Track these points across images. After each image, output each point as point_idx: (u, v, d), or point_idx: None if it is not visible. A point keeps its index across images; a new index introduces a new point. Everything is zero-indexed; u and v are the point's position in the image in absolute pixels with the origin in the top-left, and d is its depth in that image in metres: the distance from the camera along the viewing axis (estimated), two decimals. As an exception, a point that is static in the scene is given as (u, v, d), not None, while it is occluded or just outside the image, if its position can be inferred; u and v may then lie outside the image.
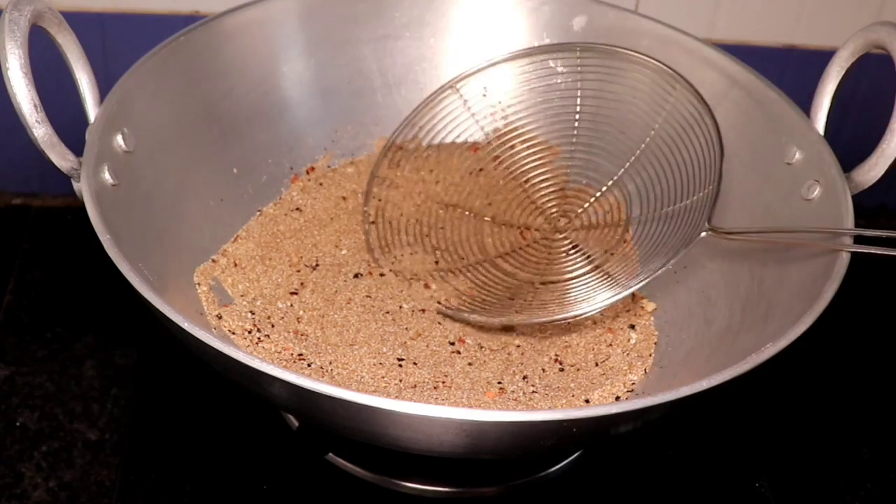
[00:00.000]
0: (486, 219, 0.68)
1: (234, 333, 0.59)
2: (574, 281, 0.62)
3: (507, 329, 0.63)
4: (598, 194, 0.66)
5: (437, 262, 0.67)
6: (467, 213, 0.69)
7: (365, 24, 0.71)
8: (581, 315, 0.59)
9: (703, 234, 0.57)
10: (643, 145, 0.65)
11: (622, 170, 0.66)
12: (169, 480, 0.61)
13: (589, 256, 0.64)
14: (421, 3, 0.72)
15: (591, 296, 0.61)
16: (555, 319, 0.60)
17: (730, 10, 0.79)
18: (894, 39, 0.58)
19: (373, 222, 0.68)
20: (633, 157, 0.65)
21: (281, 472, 0.61)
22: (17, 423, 0.65)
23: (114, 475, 0.62)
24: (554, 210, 0.67)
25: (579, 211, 0.66)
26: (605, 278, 0.62)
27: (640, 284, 0.58)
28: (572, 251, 0.64)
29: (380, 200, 0.69)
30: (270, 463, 0.62)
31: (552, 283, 0.63)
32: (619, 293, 0.58)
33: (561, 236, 0.65)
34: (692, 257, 0.63)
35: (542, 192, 0.68)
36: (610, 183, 0.66)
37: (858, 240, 0.54)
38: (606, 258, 0.63)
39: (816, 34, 0.80)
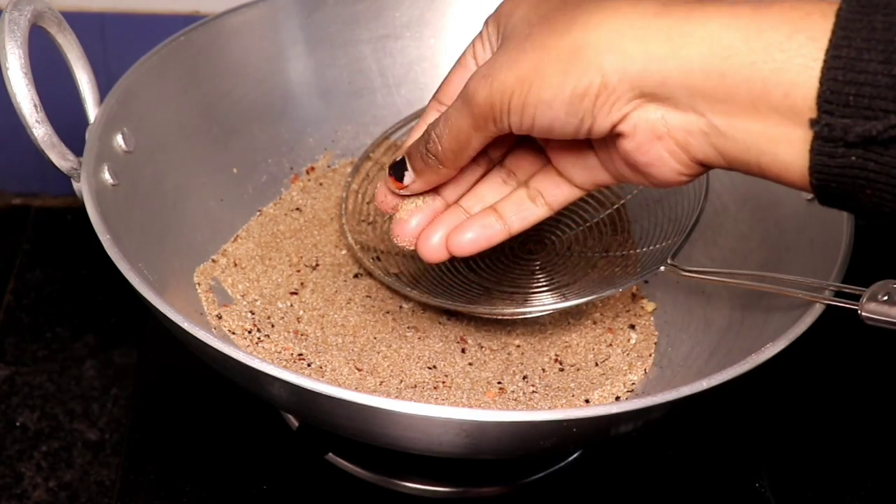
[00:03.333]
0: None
1: (234, 333, 0.59)
2: (532, 296, 0.62)
3: (508, 329, 0.63)
4: (579, 229, 0.65)
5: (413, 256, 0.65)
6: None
7: (365, 24, 0.71)
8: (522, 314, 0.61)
9: (662, 268, 0.58)
10: (635, 191, 0.65)
11: (606, 212, 0.65)
12: (169, 480, 0.61)
13: (551, 278, 0.63)
14: (421, 3, 0.72)
15: (540, 300, 0.61)
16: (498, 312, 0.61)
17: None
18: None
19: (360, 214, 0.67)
20: (619, 204, 0.65)
21: (281, 472, 0.61)
22: (17, 423, 0.65)
23: (114, 475, 0.62)
24: (534, 231, 0.65)
25: (555, 240, 0.65)
26: (558, 288, 0.62)
27: (582, 301, 0.59)
28: (538, 271, 0.64)
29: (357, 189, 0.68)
30: (270, 463, 0.62)
31: (508, 292, 0.63)
32: (562, 302, 0.60)
33: (532, 257, 0.65)
34: (692, 258, 0.63)
35: None
36: (593, 220, 0.65)
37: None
38: (566, 282, 0.63)
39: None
